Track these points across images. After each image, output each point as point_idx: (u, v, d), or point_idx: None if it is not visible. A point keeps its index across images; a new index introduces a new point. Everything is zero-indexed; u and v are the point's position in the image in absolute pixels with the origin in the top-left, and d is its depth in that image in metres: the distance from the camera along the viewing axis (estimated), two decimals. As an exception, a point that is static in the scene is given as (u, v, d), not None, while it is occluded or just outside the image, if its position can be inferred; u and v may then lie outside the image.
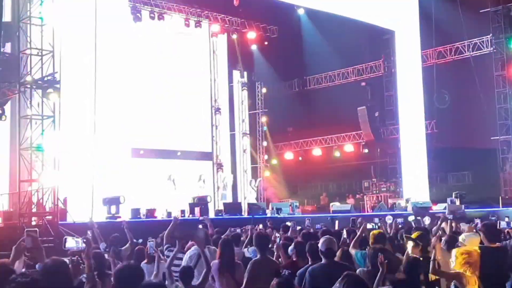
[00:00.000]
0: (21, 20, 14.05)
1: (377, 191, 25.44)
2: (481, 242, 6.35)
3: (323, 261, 6.01)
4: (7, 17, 15.44)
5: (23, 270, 5.15)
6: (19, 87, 14.01)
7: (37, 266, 5.45)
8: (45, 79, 13.73)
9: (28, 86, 13.81)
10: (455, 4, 21.36)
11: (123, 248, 8.77)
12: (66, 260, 5.13)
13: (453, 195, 18.24)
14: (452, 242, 6.93)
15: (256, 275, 6.33)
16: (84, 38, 17.51)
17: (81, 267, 5.33)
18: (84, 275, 5.08)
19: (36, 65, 13.87)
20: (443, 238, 7.25)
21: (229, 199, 22.67)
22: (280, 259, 7.50)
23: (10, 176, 15.94)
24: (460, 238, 6.83)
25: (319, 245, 6.13)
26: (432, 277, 5.91)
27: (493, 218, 12.55)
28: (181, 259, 8.01)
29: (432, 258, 5.83)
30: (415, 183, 23.38)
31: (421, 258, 6.28)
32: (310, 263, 6.35)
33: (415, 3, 23.90)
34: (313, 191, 29.32)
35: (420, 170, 23.64)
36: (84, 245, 5.23)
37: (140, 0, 21.36)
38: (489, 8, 22.29)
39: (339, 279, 3.81)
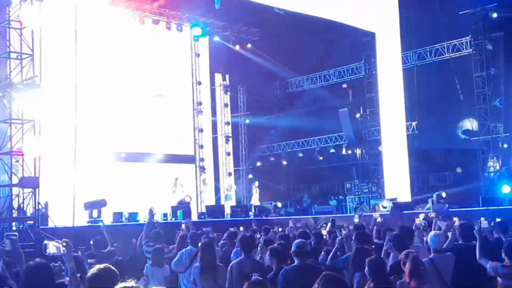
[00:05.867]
0: (-1, 23, 13.92)
1: (359, 193, 25.54)
2: (456, 240, 6.45)
3: (296, 262, 6.02)
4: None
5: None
6: (-2, 91, 13.88)
7: None
8: (25, 82, 13.60)
9: (8, 90, 13.68)
10: (435, 6, 21.57)
11: (105, 250, 8.80)
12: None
13: (434, 196, 18.37)
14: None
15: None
16: (65, 41, 17.43)
17: (63, 273, 5.31)
18: (66, 279, 5.05)
19: (16, 69, 13.75)
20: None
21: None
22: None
23: (-10, 181, 15.75)
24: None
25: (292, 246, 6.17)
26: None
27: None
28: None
29: None
30: (396, 184, 23.48)
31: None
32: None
33: (395, 6, 24.04)
34: (296, 193, 29.38)
35: (401, 171, 23.75)
36: (65, 249, 5.21)
37: (121, 3, 21.23)
38: (467, 10, 22.53)
39: (318, 279, 3.83)
